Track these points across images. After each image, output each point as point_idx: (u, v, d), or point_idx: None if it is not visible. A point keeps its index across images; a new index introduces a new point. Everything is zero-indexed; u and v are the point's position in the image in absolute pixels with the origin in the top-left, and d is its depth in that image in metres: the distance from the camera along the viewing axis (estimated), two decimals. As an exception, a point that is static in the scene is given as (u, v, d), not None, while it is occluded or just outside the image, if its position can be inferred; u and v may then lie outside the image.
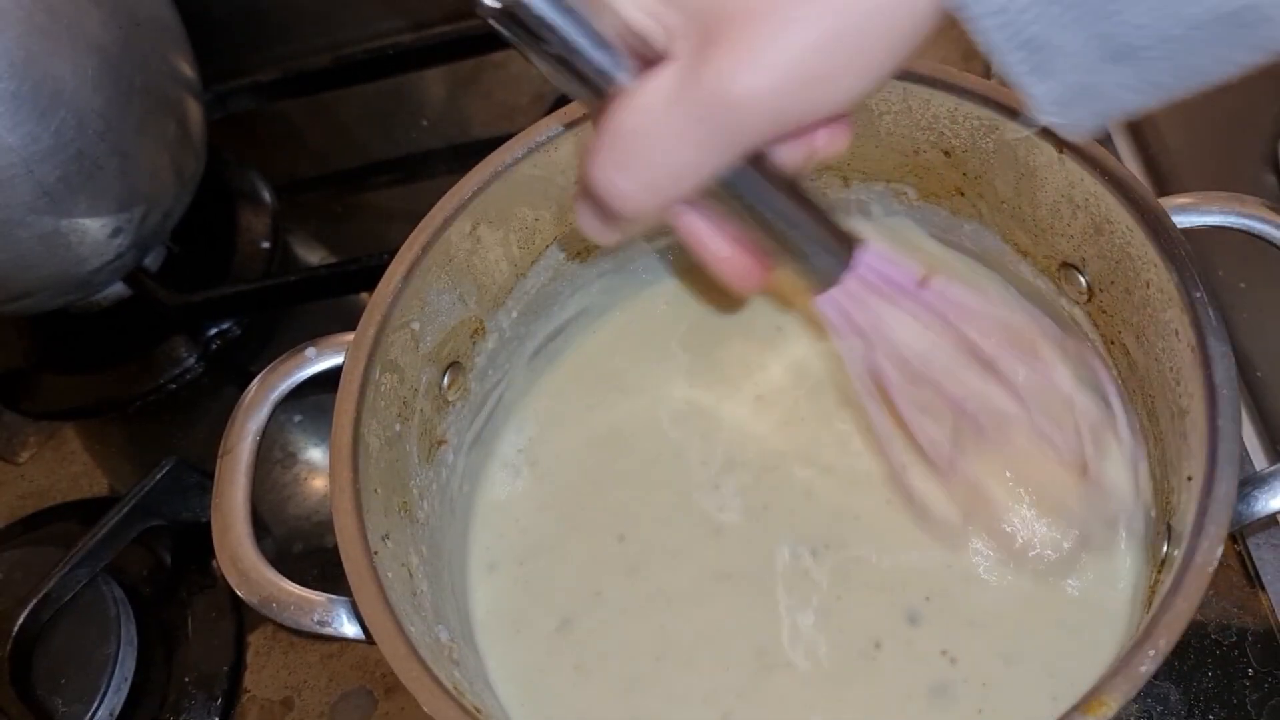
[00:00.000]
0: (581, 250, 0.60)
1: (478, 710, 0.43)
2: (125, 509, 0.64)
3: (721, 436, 0.58)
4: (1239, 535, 0.56)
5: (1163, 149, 0.70)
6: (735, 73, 0.33)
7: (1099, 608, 0.49)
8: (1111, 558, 0.49)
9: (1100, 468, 0.47)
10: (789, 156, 0.39)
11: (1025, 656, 0.49)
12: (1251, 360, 0.61)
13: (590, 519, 0.57)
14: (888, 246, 0.43)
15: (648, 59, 0.36)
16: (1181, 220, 0.47)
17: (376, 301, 0.51)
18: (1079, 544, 0.50)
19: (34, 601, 0.60)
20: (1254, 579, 0.56)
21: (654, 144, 0.35)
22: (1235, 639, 0.54)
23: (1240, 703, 0.52)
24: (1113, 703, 0.37)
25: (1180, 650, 0.53)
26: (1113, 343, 0.52)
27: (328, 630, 0.46)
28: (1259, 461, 0.59)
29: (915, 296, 0.44)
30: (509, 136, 0.55)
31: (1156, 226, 0.46)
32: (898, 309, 0.44)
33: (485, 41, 0.85)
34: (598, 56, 0.35)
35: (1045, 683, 0.48)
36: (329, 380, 0.51)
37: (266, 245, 0.81)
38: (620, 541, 0.56)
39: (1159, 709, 0.53)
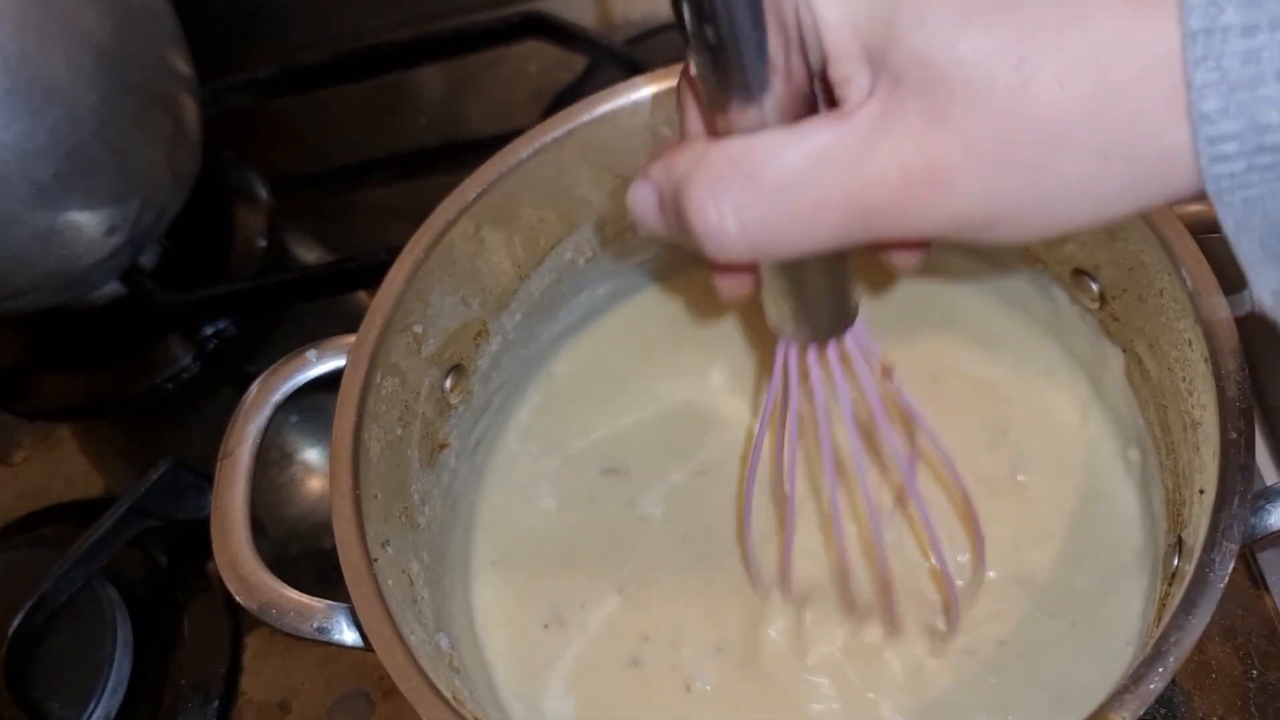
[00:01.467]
0: (590, 254, 0.60)
1: (477, 719, 0.43)
2: (121, 510, 0.63)
3: (727, 434, 0.58)
4: (1243, 539, 0.56)
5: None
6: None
7: (1106, 618, 0.49)
8: (1120, 570, 0.49)
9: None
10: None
11: (1029, 664, 0.49)
12: (1254, 359, 0.61)
13: (596, 509, 0.57)
14: (867, 329, 0.42)
15: (801, 96, 0.32)
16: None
17: (378, 304, 0.51)
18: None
19: (30, 604, 0.60)
20: (1259, 581, 0.55)
21: (790, 202, 0.31)
22: (1240, 640, 0.54)
23: (1245, 704, 0.52)
24: (1120, 721, 0.37)
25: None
26: (1125, 350, 0.52)
27: (327, 637, 0.45)
28: (1268, 472, 0.59)
29: (869, 381, 0.43)
30: (507, 134, 0.55)
31: (1170, 235, 0.46)
32: (847, 385, 0.43)
33: (483, 38, 0.84)
34: (761, 67, 0.31)
35: (1050, 691, 0.48)
36: (326, 380, 0.51)
37: (263, 243, 0.80)
38: (627, 528, 0.56)
39: (1163, 711, 0.52)
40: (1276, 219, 0.28)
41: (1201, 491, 0.41)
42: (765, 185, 0.31)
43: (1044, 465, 0.54)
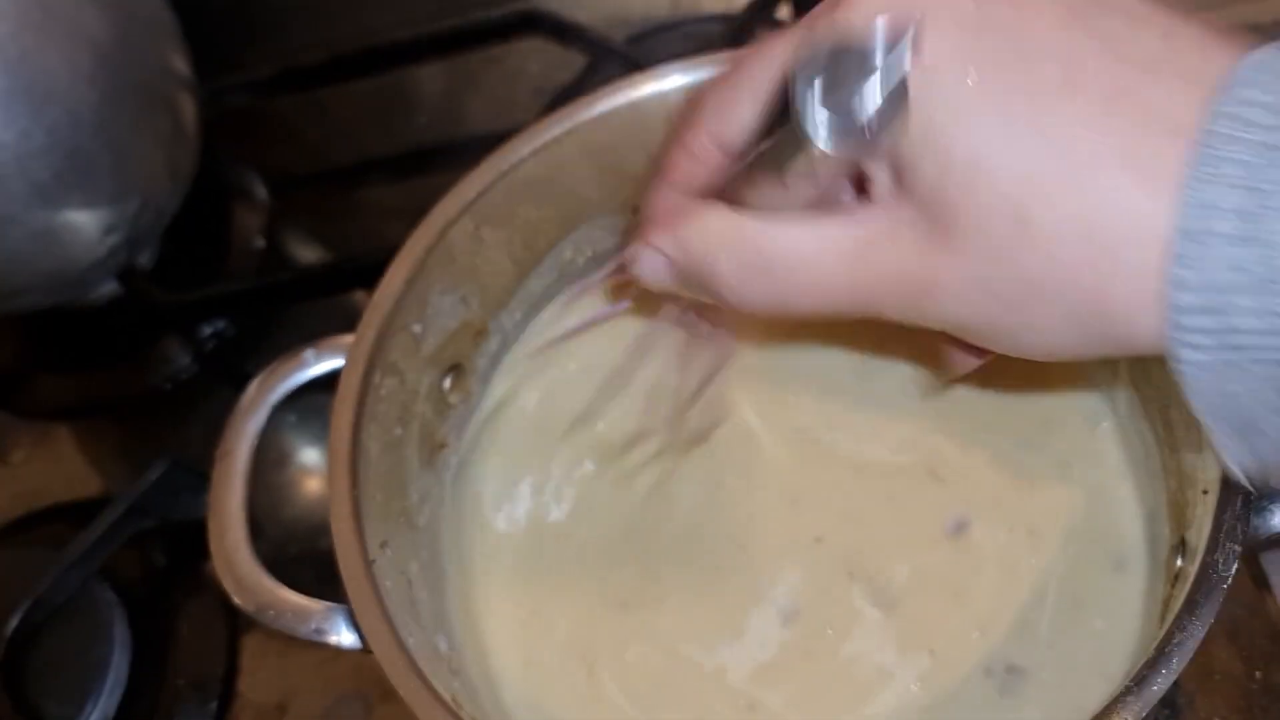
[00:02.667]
0: (590, 253, 0.59)
1: (475, 722, 0.43)
2: (119, 510, 0.63)
3: (729, 438, 0.57)
4: (1247, 540, 0.56)
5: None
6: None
7: (1109, 619, 0.48)
8: (1123, 570, 0.49)
9: None
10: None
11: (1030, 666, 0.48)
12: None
13: (592, 512, 0.56)
14: None
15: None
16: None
17: (377, 303, 0.50)
18: None
19: (27, 604, 0.60)
20: (1261, 581, 0.55)
21: (799, 283, 0.36)
22: (1243, 642, 0.54)
23: (1248, 706, 0.52)
24: (1122, 724, 0.36)
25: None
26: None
27: (325, 639, 0.45)
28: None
29: None
30: (507, 132, 0.54)
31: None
32: None
33: (482, 36, 0.84)
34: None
35: (1052, 693, 0.48)
36: (325, 380, 0.51)
37: (261, 243, 0.80)
38: (623, 532, 0.55)
39: (1165, 713, 0.52)
40: (1247, 409, 0.30)
41: (1205, 492, 0.41)
42: (779, 268, 0.36)
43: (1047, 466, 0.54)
